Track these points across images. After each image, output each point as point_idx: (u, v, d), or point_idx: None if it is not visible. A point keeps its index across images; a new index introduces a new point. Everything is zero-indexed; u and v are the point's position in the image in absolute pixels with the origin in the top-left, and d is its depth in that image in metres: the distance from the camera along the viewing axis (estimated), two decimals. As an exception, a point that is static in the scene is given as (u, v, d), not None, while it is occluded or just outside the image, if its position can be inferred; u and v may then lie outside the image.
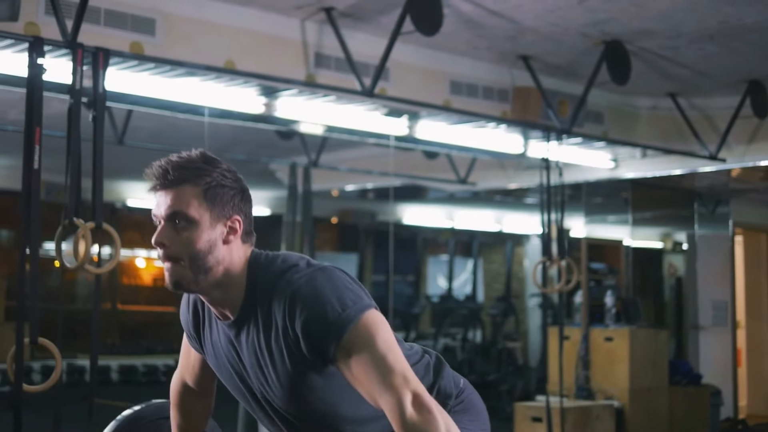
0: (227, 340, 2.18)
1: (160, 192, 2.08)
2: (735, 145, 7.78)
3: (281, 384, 2.11)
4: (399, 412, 1.89)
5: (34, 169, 4.26)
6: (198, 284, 2.08)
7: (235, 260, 2.11)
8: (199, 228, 2.06)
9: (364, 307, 2.00)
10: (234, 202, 2.11)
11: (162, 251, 2.08)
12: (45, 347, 4.34)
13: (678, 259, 11.56)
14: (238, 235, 2.11)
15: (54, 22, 4.68)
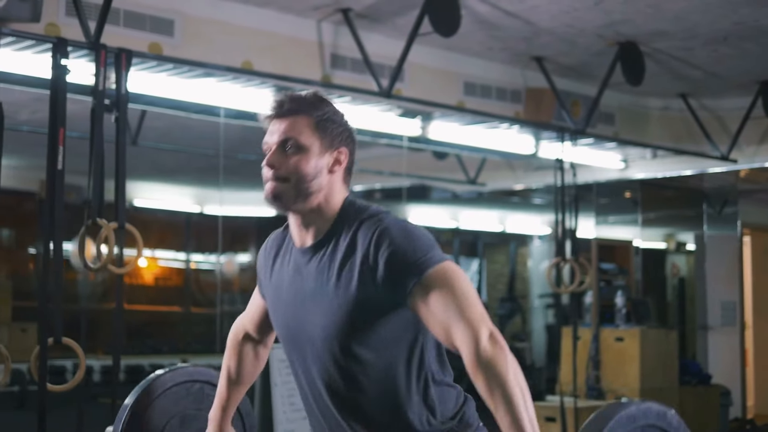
0: (295, 269, 2.27)
1: (275, 121, 2.24)
2: (746, 145, 7.80)
3: (335, 314, 2.17)
4: (474, 344, 1.98)
5: (58, 169, 4.28)
6: (295, 204, 2.22)
7: (335, 193, 2.25)
8: (308, 154, 2.20)
9: (448, 258, 2.12)
10: (342, 137, 2.26)
11: (272, 173, 2.20)
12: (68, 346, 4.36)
13: (681, 260, 11.58)
14: (342, 167, 2.26)
15: (74, 23, 4.70)
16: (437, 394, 2.26)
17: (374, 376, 2.19)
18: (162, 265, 12.82)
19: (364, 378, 2.19)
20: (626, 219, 9.98)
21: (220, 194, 8.95)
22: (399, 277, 2.08)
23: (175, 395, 2.79)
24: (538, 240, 13.27)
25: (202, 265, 13.33)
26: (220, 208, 9.16)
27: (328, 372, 2.22)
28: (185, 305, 13.00)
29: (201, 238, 12.43)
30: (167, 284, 12.89)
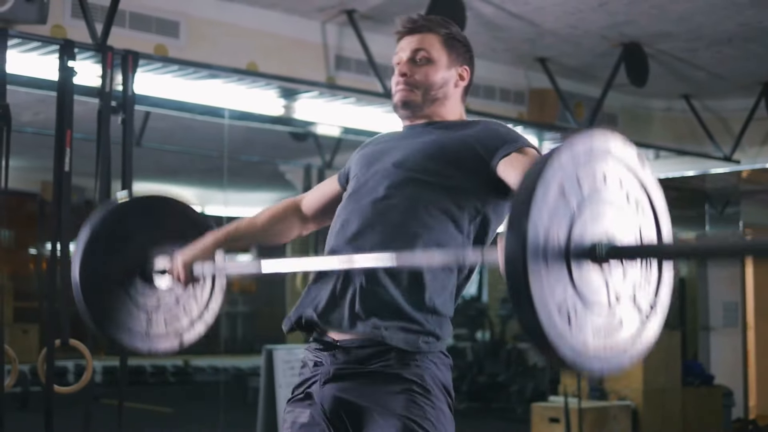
0: (399, 138, 2.43)
1: (407, 36, 2.44)
2: (749, 146, 7.81)
3: (427, 146, 2.33)
4: None
5: (65, 171, 4.29)
6: (422, 110, 2.41)
7: (456, 106, 2.45)
8: (437, 65, 2.41)
9: (535, 146, 2.33)
10: (466, 56, 2.48)
11: (403, 79, 2.40)
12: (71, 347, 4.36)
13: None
14: (465, 83, 2.47)
15: (80, 24, 4.71)
16: (441, 301, 2.30)
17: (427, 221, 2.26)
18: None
19: (428, 202, 2.27)
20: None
21: (224, 195, 8.96)
22: (493, 144, 2.27)
23: (130, 222, 2.63)
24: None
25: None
26: (225, 209, 9.16)
27: (387, 191, 2.31)
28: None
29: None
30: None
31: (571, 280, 1.69)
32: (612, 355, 1.76)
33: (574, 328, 1.68)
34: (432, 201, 2.26)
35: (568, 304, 1.68)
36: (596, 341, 1.73)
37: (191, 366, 12.04)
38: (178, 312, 2.66)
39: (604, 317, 1.75)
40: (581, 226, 1.71)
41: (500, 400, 10.49)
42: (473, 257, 2.21)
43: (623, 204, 1.81)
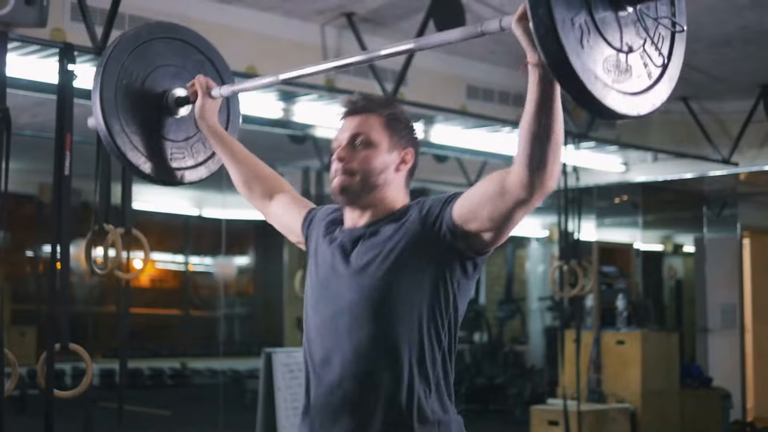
0: (340, 248, 2.29)
1: (347, 119, 2.34)
2: (747, 148, 7.82)
3: (377, 278, 2.20)
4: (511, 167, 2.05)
5: (65, 175, 4.27)
6: (359, 198, 2.30)
7: (398, 191, 2.33)
8: (377, 149, 2.30)
9: None
10: (409, 138, 2.36)
11: (341, 165, 2.29)
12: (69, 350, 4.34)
13: (678, 262, 11.59)
14: (408, 167, 2.35)
15: (80, 27, 4.69)
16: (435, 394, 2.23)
17: (402, 319, 2.19)
18: (161, 268, 12.81)
19: (394, 318, 2.19)
20: (627, 222, 9.99)
21: (222, 197, 8.95)
22: (441, 204, 2.19)
23: (154, 48, 2.80)
24: (535, 242, 13.29)
25: (203, 268, 13.32)
26: (223, 212, 9.16)
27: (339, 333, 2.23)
28: (185, 308, 12.99)
29: (200, 241, 12.43)
30: (162, 286, 12.88)
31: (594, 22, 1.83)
32: (622, 96, 1.88)
33: (586, 50, 1.81)
34: (402, 332, 2.18)
35: (583, 26, 1.81)
36: (606, 76, 1.86)
37: (189, 368, 12.03)
38: (185, 151, 2.85)
39: (615, 57, 1.88)
40: None
41: (498, 403, 10.49)
42: (492, 26, 2.06)
43: None
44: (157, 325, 12.77)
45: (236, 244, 12.54)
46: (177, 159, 2.84)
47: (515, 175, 2.01)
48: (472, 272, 2.23)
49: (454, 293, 2.21)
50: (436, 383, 2.21)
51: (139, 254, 4.57)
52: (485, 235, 2.15)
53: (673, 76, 2.03)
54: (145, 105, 2.76)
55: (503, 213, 2.09)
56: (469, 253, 2.18)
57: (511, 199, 2.05)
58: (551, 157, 1.98)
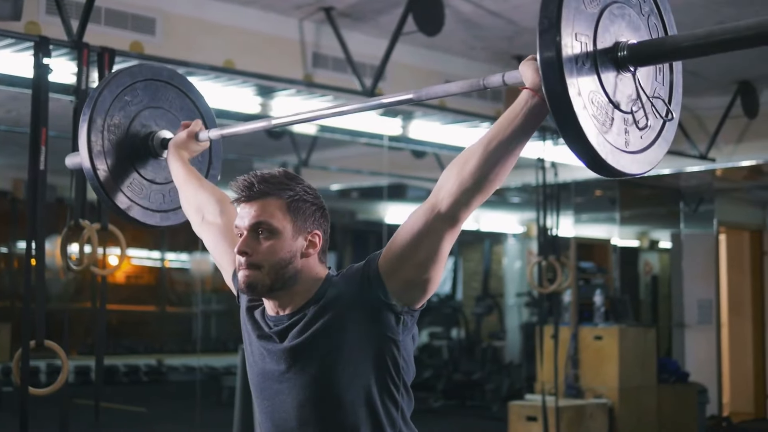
0: (269, 346, 2.19)
1: (245, 204, 2.15)
2: (724, 144, 7.85)
3: (316, 361, 2.11)
4: (442, 182, 2.02)
5: (40, 169, 4.22)
6: (271, 291, 2.13)
7: (312, 275, 2.16)
8: (281, 238, 2.12)
9: None
10: (315, 217, 2.17)
11: (244, 259, 2.12)
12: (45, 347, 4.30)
13: (654, 257, 11.63)
14: (317, 249, 2.18)
15: (56, 21, 4.65)
16: None
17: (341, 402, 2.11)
18: (137, 265, 12.75)
19: (335, 397, 2.11)
20: (604, 217, 10.01)
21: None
22: (363, 276, 2.09)
23: (142, 90, 2.83)
24: (512, 238, 13.30)
25: (179, 265, 13.26)
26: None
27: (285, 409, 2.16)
28: (161, 304, 12.92)
29: (176, 237, 12.37)
30: (137, 282, 12.82)
31: (600, 82, 1.88)
32: (640, 156, 1.94)
33: (608, 129, 1.87)
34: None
35: (600, 106, 1.86)
36: (626, 142, 1.92)
37: (165, 365, 11.97)
38: (167, 194, 2.87)
39: (630, 119, 1.94)
40: (603, 28, 1.90)
41: (476, 398, 10.49)
42: (495, 80, 2.08)
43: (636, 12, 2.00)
44: (132, 322, 12.71)
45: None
46: (158, 201, 2.86)
47: (451, 188, 1.99)
48: (411, 325, 2.14)
49: (398, 351, 2.12)
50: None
51: (116, 250, 4.53)
52: (417, 282, 2.07)
53: (674, 126, 2.07)
54: (132, 151, 2.79)
55: (433, 248, 2.03)
56: (404, 307, 2.09)
57: (444, 226, 2.01)
58: (500, 177, 2.01)
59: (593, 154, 1.84)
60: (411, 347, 2.17)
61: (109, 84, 2.77)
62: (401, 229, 2.07)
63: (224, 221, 2.49)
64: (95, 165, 2.69)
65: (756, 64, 6.91)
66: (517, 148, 1.98)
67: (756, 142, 7.77)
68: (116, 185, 2.74)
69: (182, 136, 2.73)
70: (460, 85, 2.13)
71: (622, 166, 1.90)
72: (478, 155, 1.97)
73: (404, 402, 2.16)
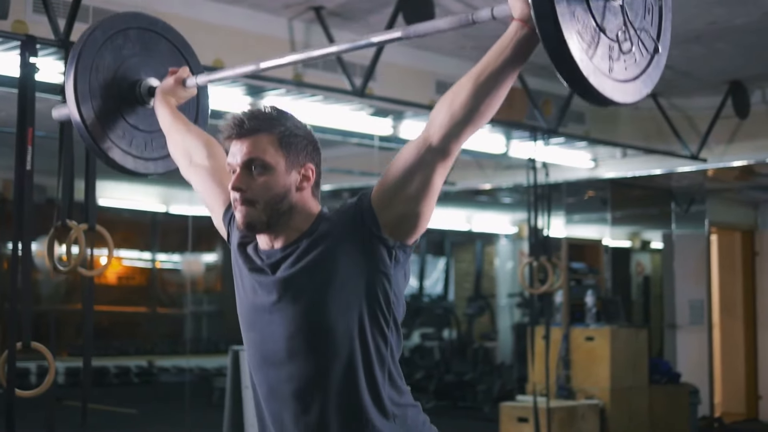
0: (260, 278, 2.20)
1: (236, 141, 2.16)
2: (715, 144, 7.84)
3: (307, 291, 2.12)
4: (434, 115, 2.06)
5: (27, 170, 4.18)
6: (269, 227, 2.16)
7: (306, 209, 2.18)
8: (275, 173, 2.14)
9: None
10: (307, 151, 2.19)
11: (239, 195, 2.14)
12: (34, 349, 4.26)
13: (645, 258, 11.62)
14: (311, 183, 2.20)
15: (42, 20, 4.62)
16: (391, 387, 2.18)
17: (335, 325, 2.12)
18: (127, 265, 12.70)
19: (330, 324, 2.11)
20: (596, 218, 10.00)
21: (189, 194, 8.86)
22: (355, 204, 2.12)
23: (128, 38, 2.84)
24: (504, 239, 13.29)
25: (169, 265, 13.21)
26: (190, 208, 9.07)
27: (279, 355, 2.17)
28: (151, 305, 12.87)
29: (167, 237, 12.33)
30: (129, 283, 12.77)
31: (588, 5, 1.90)
32: (624, 85, 1.97)
33: (593, 51, 1.90)
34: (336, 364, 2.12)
35: (586, 26, 1.89)
36: (609, 68, 1.94)
37: (156, 366, 11.93)
38: (154, 141, 2.87)
39: (616, 48, 1.96)
40: None
41: (467, 399, 10.47)
42: (484, 14, 2.06)
43: None
44: (123, 323, 12.66)
45: (204, 240, 12.44)
46: (145, 149, 2.87)
47: (443, 120, 2.02)
48: (403, 261, 2.16)
49: (390, 285, 2.13)
50: (389, 375, 2.16)
51: (104, 251, 4.49)
52: (409, 216, 2.10)
53: (661, 65, 2.08)
54: (118, 94, 2.80)
55: (425, 180, 2.06)
56: (396, 242, 2.11)
57: (435, 158, 2.05)
58: (491, 109, 2.03)
59: (575, 70, 1.87)
60: (402, 284, 2.19)
61: (102, 25, 2.78)
62: (394, 163, 2.10)
63: (212, 164, 2.51)
64: (79, 101, 2.71)
65: (747, 65, 6.90)
66: (507, 79, 2.01)
67: (747, 142, 7.76)
68: (98, 122, 2.76)
69: (169, 82, 2.76)
70: (448, 21, 2.12)
71: (603, 90, 1.92)
72: (468, 87, 2.00)
73: (393, 339, 2.17)
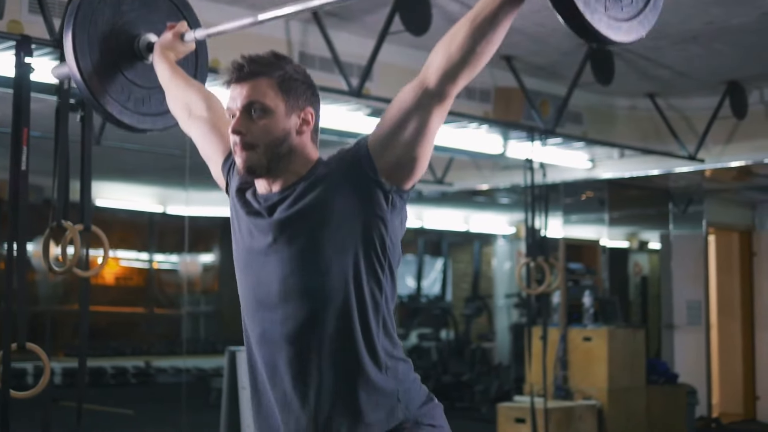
0: (257, 220, 2.20)
1: (236, 85, 2.19)
2: (712, 145, 7.83)
3: (303, 233, 2.13)
4: (432, 57, 2.09)
5: (22, 170, 4.17)
6: (269, 171, 2.17)
7: (305, 154, 2.20)
8: (275, 116, 2.15)
9: None
10: (306, 96, 2.21)
11: (239, 139, 2.16)
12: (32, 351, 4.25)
13: (643, 258, 11.61)
14: (310, 127, 2.21)
15: (38, 20, 4.60)
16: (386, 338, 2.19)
17: (331, 268, 2.12)
18: (124, 266, 12.68)
19: (324, 267, 2.12)
20: (593, 218, 9.99)
21: (186, 194, 8.85)
22: (354, 156, 2.12)
23: (112, 1, 2.86)
24: (502, 239, 13.28)
25: (166, 266, 13.20)
26: (186, 209, 9.05)
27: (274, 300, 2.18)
28: (148, 306, 12.86)
29: (164, 238, 12.31)
30: (126, 284, 12.76)
31: None
32: (617, 23, 2.00)
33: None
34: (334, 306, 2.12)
35: None
36: (605, 6, 1.97)
37: (153, 367, 11.91)
38: (152, 97, 2.90)
39: None
40: None
41: (465, 400, 10.46)
42: None
43: None
44: (121, 323, 12.65)
45: (202, 241, 12.43)
46: (143, 104, 2.91)
47: (440, 63, 2.05)
48: (400, 207, 2.16)
49: (386, 230, 2.13)
50: (383, 324, 2.17)
51: (100, 252, 4.47)
52: (405, 160, 2.10)
53: (658, 6, 2.15)
54: (116, 49, 2.83)
55: (421, 122, 2.07)
56: (393, 186, 2.12)
57: (431, 100, 2.06)
58: (487, 51, 2.07)
59: (571, 5, 1.92)
60: (399, 231, 2.19)
61: None
62: (390, 107, 2.11)
63: (211, 115, 2.54)
64: (78, 55, 2.73)
65: (745, 65, 6.89)
66: (504, 21, 2.05)
67: (745, 142, 7.75)
68: (96, 77, 2.78)
69: (168, 36, 2.78)
70: None
71: (599, 26, 1.96)
72: (464, 30, 2.03)
73: (388, 287, 2.17)
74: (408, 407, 2.18)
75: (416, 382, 2.23)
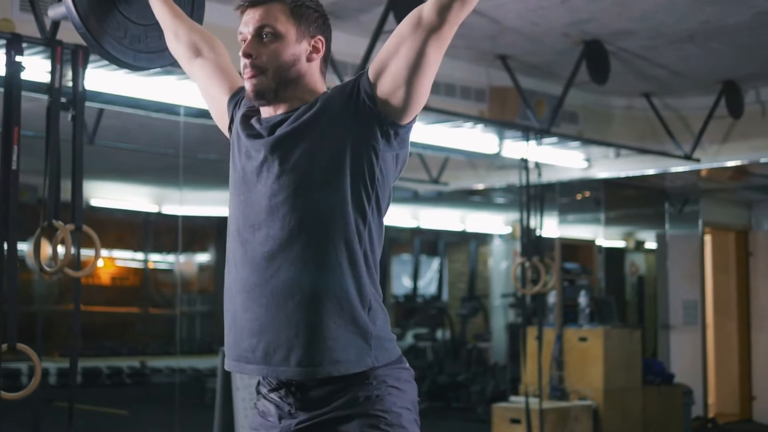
0: (257, 137, 2.21)
1: (249, 10, 2.21)
2: (708, 144, 7.81)
3: (294, 151, 2.14)
4: None
5: (12, 169, 4.14)
6: (277, 96, 2.19)
7: (314, 82, 2.22)
8: (285, 41, 2.18)
9: None
10: (318, 23, 2.23)
11: (249, 62, 2.18)
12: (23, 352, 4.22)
13: (640, 258, 11.60)
14: (320, 55, 2.24)
15: (29, 18, 4.57)
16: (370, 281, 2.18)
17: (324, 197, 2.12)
18: (120, 266, 12.65)
19: (314, 194, 2.12)
20: (589, 218, 9.97)
21: (180, 194, 8.83)
22: (354, 85, 2.14)
23: None
24: (498, 239, 13.26)
25: (162, 265, 13.17)
26: (180, 208, 9.03)
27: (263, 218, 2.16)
28: (143, 306, 12.83)
29: (159, 238, 12.29)
30: (122, 284, 12.73)
31: None
32: None
33: None
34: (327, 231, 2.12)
35: None
36: None
37: (148, 367, 11.89)
38: (149, 34, 2.88)
39: None
40: None
41: (460, 400, 10.44)
42: None
43: None
44: (116, 323, 12.61)
45: (197, 240, 12.41)
46: (140, 42, 2.88)
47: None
48: (396, 143, 2.17)
49: (377, 160, 2.14)
50: (365, 259, 2.16)
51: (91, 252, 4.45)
52: (403, 92, 2.10)
53: None
54: None
55: (416, 50, 2.08)
56: (389, 119, 2.12)
57: (425, 29, 2.06)
58: None
59: None
60: (391, 167, 2.20)
61: None
62: (389, 39, 2.13)
63: (216, 56, 2.56)
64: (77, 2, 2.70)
65: (741, 64, 6.87)
66: None
67: (741, 142, 7.73)
68: (92, 14, 2.75)
69: None
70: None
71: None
72: None
73: (374, 222, 2.18)
74: (377, 359, 2.15)
75: (392, 341, 2.21)
